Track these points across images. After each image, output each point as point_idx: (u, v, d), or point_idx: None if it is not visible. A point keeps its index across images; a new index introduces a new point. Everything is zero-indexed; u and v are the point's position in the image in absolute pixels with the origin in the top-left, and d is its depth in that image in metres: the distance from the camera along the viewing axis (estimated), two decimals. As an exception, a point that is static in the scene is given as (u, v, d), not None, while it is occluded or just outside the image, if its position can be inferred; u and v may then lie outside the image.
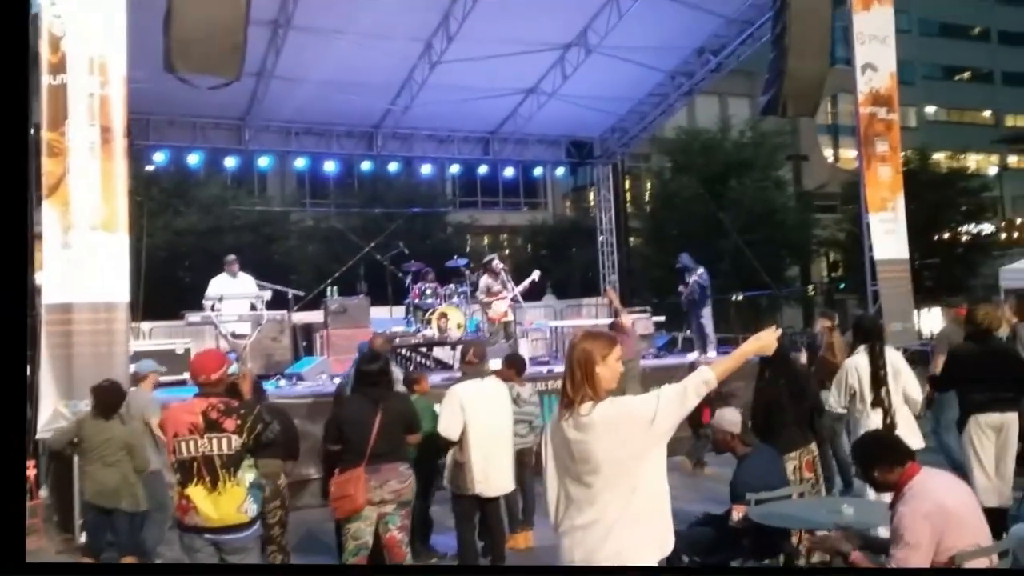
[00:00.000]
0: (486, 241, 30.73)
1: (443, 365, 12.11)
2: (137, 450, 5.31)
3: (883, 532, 3.68)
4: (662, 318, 14.47)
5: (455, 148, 15.27)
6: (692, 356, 11.18)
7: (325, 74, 12.01)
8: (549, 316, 14.69)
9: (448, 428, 5.21)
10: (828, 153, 38.11)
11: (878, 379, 5.03)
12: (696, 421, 6.94)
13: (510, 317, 11.48)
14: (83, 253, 6.67)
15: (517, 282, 11.45)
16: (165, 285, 13.87)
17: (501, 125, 14.93)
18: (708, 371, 2.79)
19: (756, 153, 21.26)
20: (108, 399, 5.42)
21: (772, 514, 4.09)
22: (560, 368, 10.84)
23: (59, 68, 6.67)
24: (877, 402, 4.98)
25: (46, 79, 6.66)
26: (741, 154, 20.89)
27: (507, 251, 29.89)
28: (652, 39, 12.00)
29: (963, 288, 21.35)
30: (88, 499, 5.25)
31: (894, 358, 5.31)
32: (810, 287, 26.88)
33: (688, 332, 12.64)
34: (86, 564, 3.85)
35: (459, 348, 6.21)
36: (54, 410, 6.50)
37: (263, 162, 14.22)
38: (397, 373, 6.32)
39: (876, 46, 9.16)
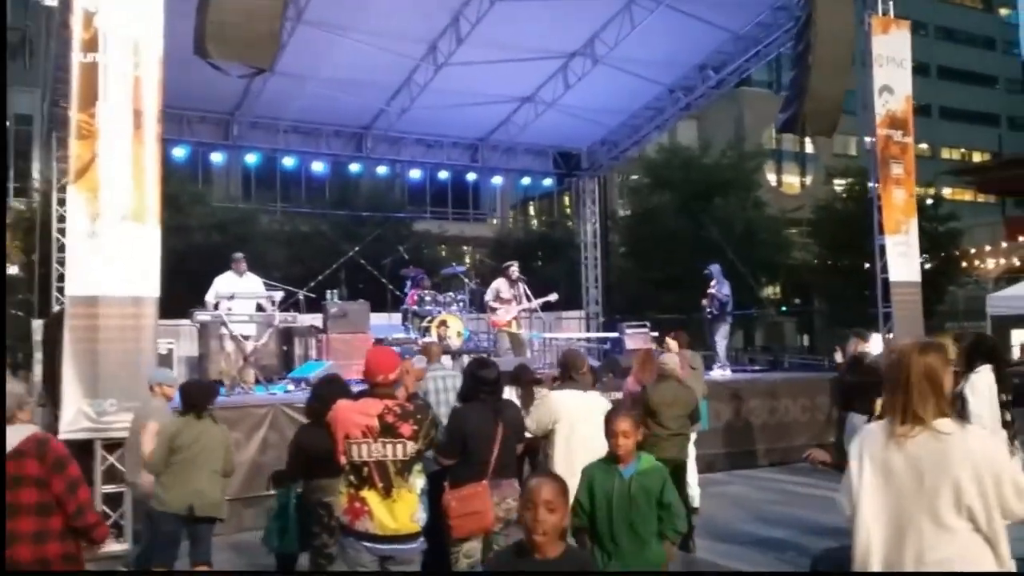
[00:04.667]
0: (444, 252, 30.22)
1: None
2: (230, 451, 4.93)
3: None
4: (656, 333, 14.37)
5: (444, 154, 15.07)
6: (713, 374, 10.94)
7: (324, 72, 11.73)
8: (539, 328, 14.50)
9: (537, 427, 4.93)
10: (771, 178, 38.86)
11: (1002, 400, 4.92)
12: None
13: (515, 328, 11.21)
14: (111, 244, 6.26)
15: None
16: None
17: (492, 132, 14.78)
18: None
19: (735, 173, 21.52)
20: (200, 395, 4.97)
21: None
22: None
23: (91, 46, 6.27)
24: (1005, 424, 4.86)
25: (77, 56, 6.26)
26: (723, 174, 21.11)
27: (468, 261, 29.50)
28: (657, 52, 12.00)
29: (931, 314, 21.87)
30: (190, 512, 4.74)
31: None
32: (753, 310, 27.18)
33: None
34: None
35: (560, 358, 5.83)
36: (77, 409, 6.08)
37: (250, 159, 13.76)
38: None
39: (893, 68, 9.32)
